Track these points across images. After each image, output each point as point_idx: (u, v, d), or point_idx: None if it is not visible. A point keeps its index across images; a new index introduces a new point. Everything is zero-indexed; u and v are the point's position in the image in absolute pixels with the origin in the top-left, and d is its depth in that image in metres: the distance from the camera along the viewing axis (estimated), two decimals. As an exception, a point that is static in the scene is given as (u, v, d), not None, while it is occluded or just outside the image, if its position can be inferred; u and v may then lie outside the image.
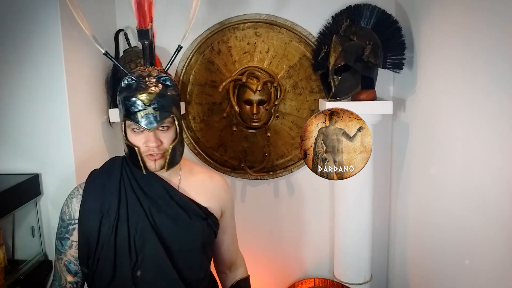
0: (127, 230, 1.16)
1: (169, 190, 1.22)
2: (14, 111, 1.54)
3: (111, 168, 1.24)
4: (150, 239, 1.17)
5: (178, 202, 1.21)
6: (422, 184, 1.78)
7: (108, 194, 1.19)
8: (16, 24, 1.49)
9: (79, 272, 1.22)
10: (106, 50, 1.22)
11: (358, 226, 1.96)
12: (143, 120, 1.10)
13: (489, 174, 1.26)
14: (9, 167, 1.56)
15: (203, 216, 1.24)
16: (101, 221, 1.17)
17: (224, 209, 1.34)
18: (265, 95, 2.02)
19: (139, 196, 1.19)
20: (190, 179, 1.29)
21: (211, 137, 2.18)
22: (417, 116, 1.82)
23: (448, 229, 1.53)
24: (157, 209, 1.19)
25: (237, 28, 2.07)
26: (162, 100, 1.11)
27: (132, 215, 1.18)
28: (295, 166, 2.18)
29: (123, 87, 1.13)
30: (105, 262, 1.16)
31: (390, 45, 1.83)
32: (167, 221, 1.19)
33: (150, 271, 1.16)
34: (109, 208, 1.17)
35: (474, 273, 1.36)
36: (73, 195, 1.22)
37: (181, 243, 1.20)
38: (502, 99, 1.19)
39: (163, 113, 1.11)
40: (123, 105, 1.12)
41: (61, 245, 1.21)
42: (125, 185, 1.20)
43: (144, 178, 1.21)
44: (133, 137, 1.14)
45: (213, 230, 1.28)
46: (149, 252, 1.16)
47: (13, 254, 1.56)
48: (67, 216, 1.21)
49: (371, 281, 2.04)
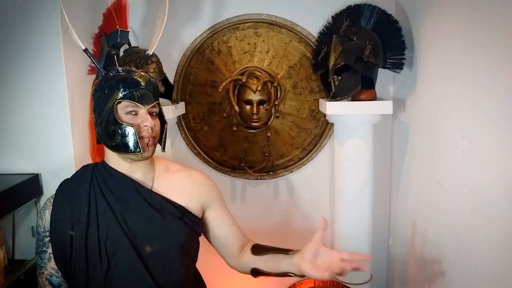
0: (97, 237, 1.14)
1: (141, 190, 1.19)
2: (14, 111, 1.54)
3: (82, 176, 1.22)
4: (122, 244, 1.14)
5: (151, 203, 1.18)
6: (422, 184, 1.78)
7: (79, 202, 1.17)
8: (16, 24, 1.49)
9: (62, 284, 1.19)
10: (86, 47, 1.27)
11: (358, 226, 1.95)
12: (140, 98, 1.14)
13: (489, 174, 1.26)
14: (9, 167, 1.56)
15: (178, 215, 1.20)
16: (72, 229, 1.14)
17: (207, 203, 1.30)
18: (265, 95, 2.02)
19: (110, 201, 1.17)
20: (165, 177, 1.26)
21: (211, 137, 2.18)
22: (417, 116, 1.82)
23: (448, 229, 1.53)
24: (130, 212, 1.16)
25: (237, 28, 2.07)
26: (153, 84, 1.19)
27: (102, 221, 1.15)
28: (295, 166, 2.18)
29: (110, 76, 1.16)
30: (79, 269, 1.14)
31: (390, 45, 1.83)
32: (141, 224, 1.16)
33: (124, 277, 1.14)
34: (79, 216, 1.15)
35: (474, 273, 1.36)
36: (45, 207, 1.20)
37: (158, 245, 1.17)
38: (502, 99, 1.19)
39: (155, 95, 1.18)
40: (115, 89, 1.13)
41: (40, 259, 1.19)
42: (95, 191, 1.18)
43: (115, 181, 1.19)
44: (126, 120, 1.14)
45: (192, 229, 1.24)
46: (121, 258, 1.14)
47: (13, 254, 1.57)
48: (41, 228, 1.18)
49: (371, 281, 2.04)
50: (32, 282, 1.48)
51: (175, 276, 1.20)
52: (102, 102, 1.16)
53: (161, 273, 1.17)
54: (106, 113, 1.15)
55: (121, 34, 1.37)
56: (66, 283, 1.20)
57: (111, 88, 1.14)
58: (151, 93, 1.16)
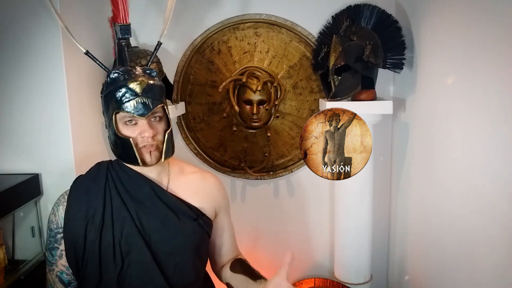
0: (112, 235, 1.13)
1: (157, 190, 1.19)
2: (14, 111, 1.54)
3: (96, 173, 1.21)
4: (136, 244, 1.14)
5: (166, 203, 1.18)
6: (422, 184, 1.78)
7: (93, 199, 1.16)
8: (16, 24, 1.49)
9: (72, 281, 1.19)
10: (87, 50, 1.23)
11: (358, 226, 1.96)
12: (136, 108, 1.09)
13: (489, 174, 1.26)
14: (9, 167, 1.56)
15: (193, 217, 1.20)
16: (87, 227, 1.14)
17: (218, 208, 1.31)
18: (265, 95, 2.02)
19: (125, 200, 1.16)
20: (180, 179, 1.26)
21: (211, 137, 2.18)
22: (417, 116, 1.82)
23: (448, 229, 1.53)
24: (145, 211, 1.16)
25: (237, 28, 2.07)
26: (153, 89, 1.12)
27: (117, 219, 1.15)
28: (295, 166, 2.18)
29: (109, 82, 1.12)
30: (91, 268, 1.14)
31: (390, 45, 1.83)
32: (155, 224, 1.16)
33: (137, 276, 1.14)
34: (94, 214, 1.15)
35: (474, 273, 1.36)
36: (59, 203, 1.19)
37: (171, 245, 1.17)
38: (502, 99, 1.19)
39: (155, 101, 1.11)
40: (112, 97, 1.10)
41: (51, 255, 1.18)
42: (110, 189, 1.17)
43: (131, 180, 1.18)
44: (126, 131, 1.12)
45: (205, 231, 1.24)
46: (135, 257, 1.14)
47: (13, 254, 1.56)
48: (54, 225, 1.18)
49: (371, 281, 2.04)
50: (32, 282, 1.48)
51: (186, 277, 1.19)
52: (105, 107, 1.15)
53: (173, 273, 1.17)
54: (108, 121, 1.14)
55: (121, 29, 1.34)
56: (77, 281, 1.19)
57: (110, 96, 1.11)
58: (151, 100, 1.10)
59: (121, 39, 1.44)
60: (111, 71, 1.13)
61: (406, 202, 1.97)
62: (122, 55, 1.23)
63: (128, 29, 1.32)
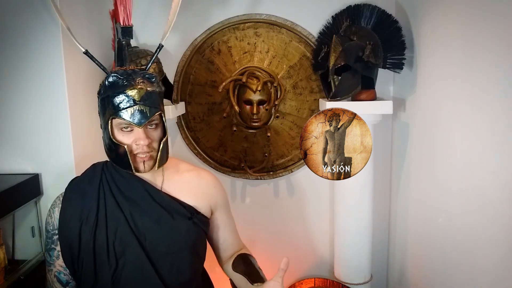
0: (106, 235, 1.14)
1: (151, 191, 1.19)
2: (14, 111, 1.54)
3: (91, 174, 1.22)
4: (130, 244, 1.14)
5: (160, 203, 1.18)
6: (422, 184, 1.78)
7: (88, 200, 1.17)
8: (16, 24, 1.49)
9: (70, 281, 1.20)
10: (86, 49, 1.22)
11: (358, 226, 1.96)
12: (133, 116, 1.08)
13: (489, 174, 1.26)
14: (9, 167, 1.56)
15: (188, 215, 1.20)
16: (81, 228, 1.14)
17: (215, 206, 1.31)
18: (265, 95, 2.02)
19: (119, 200, 1.16)
20: (175, 177, 1.25)
21: (211, 137, 2.18)
22: (417, 116, 1.82)
23: (448, 229, 1.53)
24: (139, 212, 1.16)
25: (237, 28, 2.07)
26: (151, 96, 1.10)
27: (111, 220, 1.15)
28: (295, 166, 2.18)
29: (107, 85, 1.10)
30: (87, 268, 1.14)
31: (390, 45, 1.83)
32: (150, 224, 1.16)
33: (132, 276, 1.14)
34: (88, 214, 1.15)
35: (474, 273, 1.36)
36: (55, 205, 1.20)
37: (167, 245, 1.17)
38: (502, 99, 1.19)
39: (152, 109, 1.10)
40: (110, 102, 1.09)
41: (49, 256, 1.19)
42: (104, 190, 1.18)
43: (125, 181, 1.18)
44: (121, 137, 1.11)
45: (201, 229, 1.24)
46: (129, 258, 1.14)
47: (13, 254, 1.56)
48: (50, 226, 1.19)
49: (371, 281, 2.04)
50: (32, 282, 1.48)
51: (183, 276, 1.20)
52: (101, 110, 1.14)
53: (169, 273, 1.17)
54: (104, 124, 1.14)
55: (123, 31, 1.32)
56: (74, 281, 1.20)
57: (107, 100, 1.10)
58: (149, 108, 1.09)
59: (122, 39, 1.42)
60: (110, 74, 1.12)
61: (406, 202, 1.97)
62: (121, 54, 1.22)
63: (130, 31, 1.29)
